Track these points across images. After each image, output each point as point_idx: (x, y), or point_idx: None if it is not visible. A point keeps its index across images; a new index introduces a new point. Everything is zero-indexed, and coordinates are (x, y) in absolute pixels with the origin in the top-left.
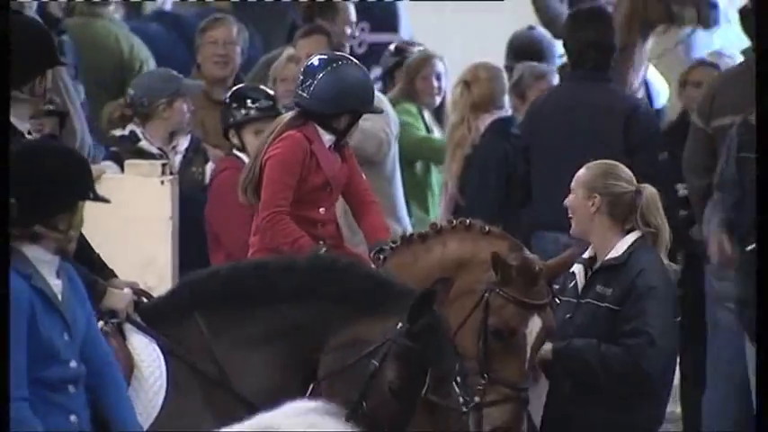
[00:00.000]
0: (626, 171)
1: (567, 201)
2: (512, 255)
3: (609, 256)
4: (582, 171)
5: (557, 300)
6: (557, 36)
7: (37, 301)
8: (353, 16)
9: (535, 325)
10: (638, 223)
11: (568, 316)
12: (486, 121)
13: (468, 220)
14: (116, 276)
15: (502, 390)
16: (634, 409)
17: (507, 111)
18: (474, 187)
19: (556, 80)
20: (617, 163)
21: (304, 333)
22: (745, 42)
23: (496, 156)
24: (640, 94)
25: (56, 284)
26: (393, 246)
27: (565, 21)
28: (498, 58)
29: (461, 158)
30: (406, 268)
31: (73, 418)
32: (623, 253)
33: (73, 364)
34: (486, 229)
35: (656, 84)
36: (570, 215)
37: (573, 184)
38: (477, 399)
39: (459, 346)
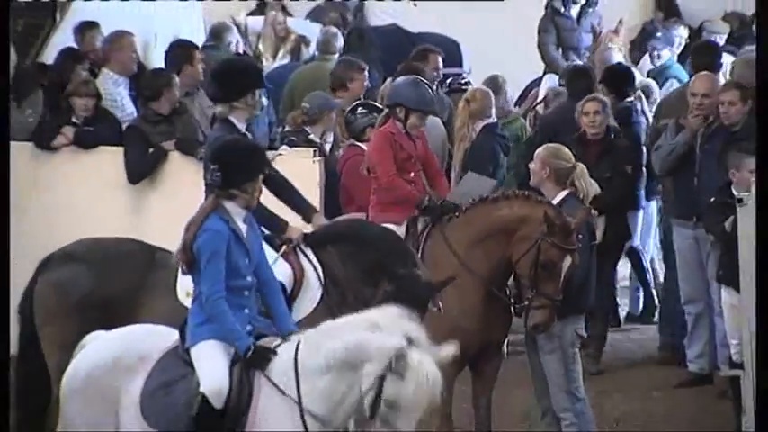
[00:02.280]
0: (566, 152)
1: (531, 168)
2: (555, 215)
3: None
4: (540, 150)
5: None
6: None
7: (231, 237)
8: (440, 63)
9: (567, 261)
10: (569, 185)
11: None
12: (479, 125)
13: (526, 192)
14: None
15: (543, 300)
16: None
17: (494, 119)
18: (471, 169)
19: None
20: (561, 146)
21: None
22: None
23: (487, 148)
24: None
25: (243, 227)
26: (472, 202)
27: (565, 70)
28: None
29: (463, 150)
30: (483, 218)
31: (246, 311)
32: (559, 201)
33: (249, 278)
34: (539, 198)
35: None
36: (533, 177)
37: (534, 158)
38: (526, 302)
39: (520, 271)
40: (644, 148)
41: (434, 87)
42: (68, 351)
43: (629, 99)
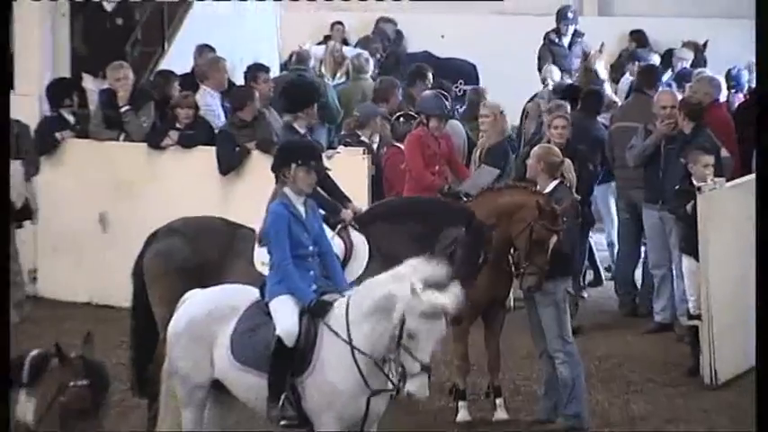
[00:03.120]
0: (556, 150)
1: (528, 163)
2: (545, 203)
3: (545, 191)
4: (535, 149)
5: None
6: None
7: (291, 218)
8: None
9: (554, 239)
10: (558, 176)
11: None
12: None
13: (523, 183)
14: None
15: (535, 268)
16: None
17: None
18: (488, 164)
19: None
20: (552, 146)
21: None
22: None
23: (500, 149)
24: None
25: (302, 210)
26: (482, 190)
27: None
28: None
29: (483, 149)
30: (489, 203)
31: (311, 273)
32: (550, 189)
33: (311, 248)
34: (533, 189)
35: None
36: (530, 171)
37: (531, 155)
38: (522, 270)
39: (517, 245)
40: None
41: (450, 99)
42: (171, 305)
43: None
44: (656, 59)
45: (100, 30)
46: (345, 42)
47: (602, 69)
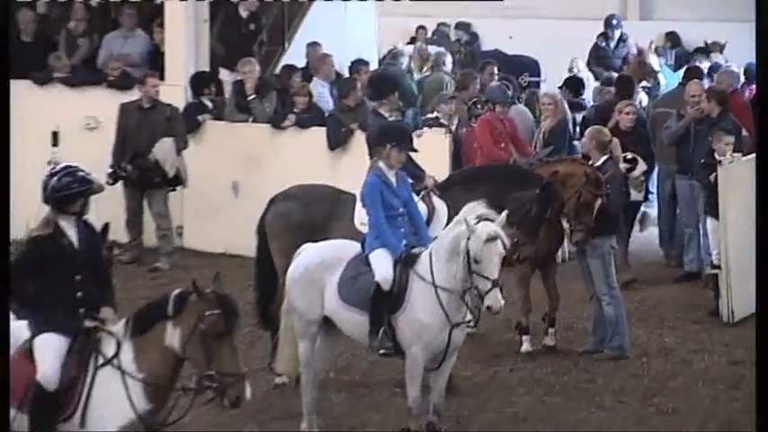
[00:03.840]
0: (606, 131)
1: (583, 141)
2: (591, 173)
3: (596, 164)
4: (589, 129)
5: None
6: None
7: (383, 186)
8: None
9: (598, 202)
10: (607, 151)
11: None
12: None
13: (574, 156)
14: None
15: (582, 226)
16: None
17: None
18: (549, 143)
19: None
20: (603, 127)
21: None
22: None
23: (561, 129)
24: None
25: (393, 179)
26: (539, 161)
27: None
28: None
29: (547, 130)
30: (547, 172)
31: (402, 230)
32: (600, 163)
33: (401, 210)
34: (582, 161)
35: None
36: (584, 147)
37: (585, 135)
38: (571, 227)
39: (567, 207)
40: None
41: (512, 89)
42: (288, 256)
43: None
44: (705, 62)
45: (233, 32)
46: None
47: (654, 62)
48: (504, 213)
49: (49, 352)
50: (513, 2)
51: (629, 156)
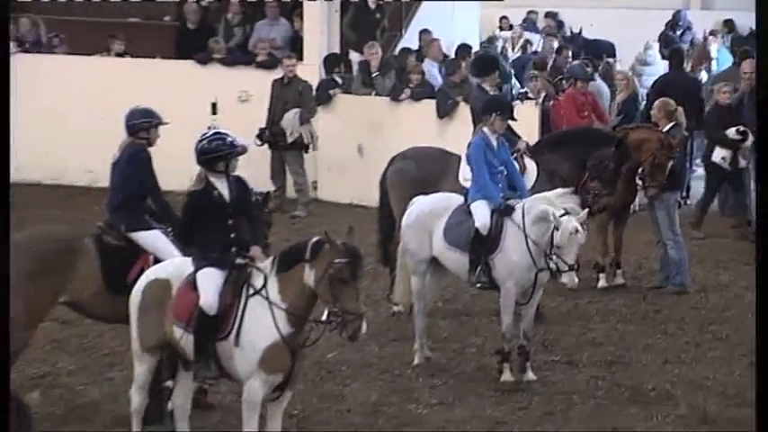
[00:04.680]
0: (672, 102)
1: (652, 112)
2: (664, 138)
3: (664, 130)
4: (658, 101)
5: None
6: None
7: (486, 147)
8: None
9: (670, 163)
10: (673, 119)
11: None
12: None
13: (648, 124)
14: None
15: (655, 183)
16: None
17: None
18: (622, 113)
19: None
20: (669, 99)
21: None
22: None
23: (631, 101)
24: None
25: (494, 142)
26: (619, 128)
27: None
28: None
29: (621, 102)
30: (625, 137)
31: (500, 185)
32: (667, 129)
33: (500, 168)
34: (655, 129)
35: None
36: (654, 116)
37: (654, 106)
38: (646, 184)
39: (644, 166)
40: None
41: (590, 68)
42: (404, 206)
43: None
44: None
45: (362, 21)
46: (510, 28)
47: (713, 49)
48: (585, 211)
49: (209, 283)
50: None
51: (741, 129)
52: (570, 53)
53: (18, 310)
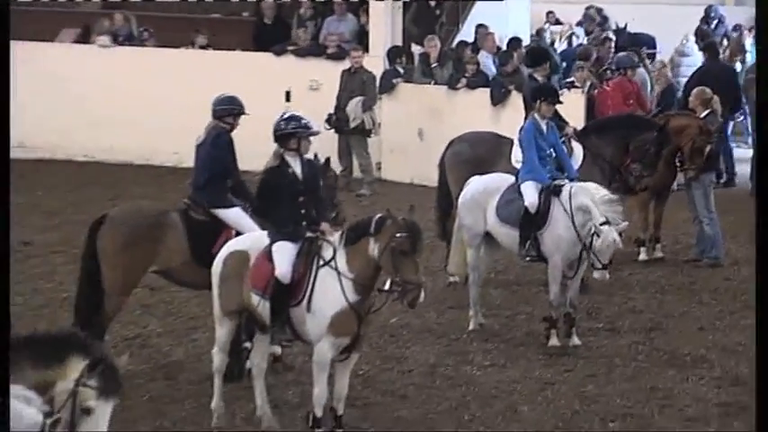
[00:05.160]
0: (707, 90)
1: (690, 99)
2: (703, 125)
3: (701, 117)
4: (695, 90)
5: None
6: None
7: (536, 131)
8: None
9: (708, 147)
10: (708, 107)
11: None
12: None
13: (687, 111)
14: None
15: (694, 165)
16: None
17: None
18: (662, 102)
19: None
20: (705, 87)
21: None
22: None
23: (669, 91)
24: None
25: (544, 127)
26: (657, 114)
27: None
28: None
29: (660, 91)
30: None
31: (548, 167)
32: (703, 116)
33: (548, 151)
34: (694, 115)
35: None
36: (691, 104)
37: (691, 95)
38: (685, 166)
39: (683, 151)
40: None
41: (637, 58)
42: (461, 185)
43: None
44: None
45: (422, 16)
46: (558, 22)
47: (747, 43)
48: (625, 224)
49: (283, 255)
50: None
51: None
52: (612, 45)
53: (113, 278)
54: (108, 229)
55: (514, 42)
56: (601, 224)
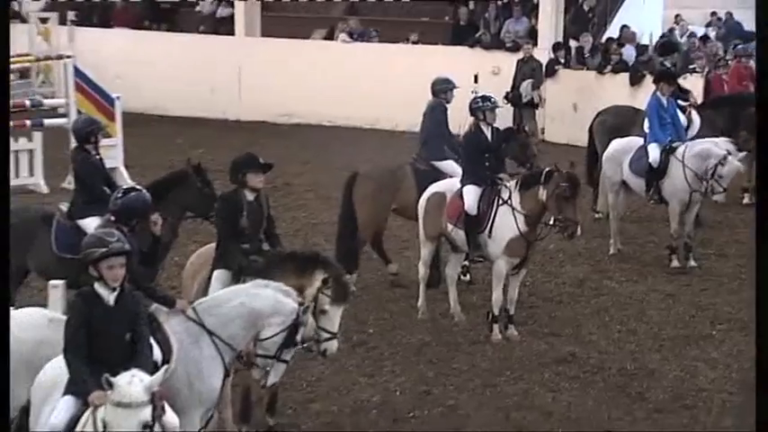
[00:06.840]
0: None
1: None
2: None
3: None
4: None
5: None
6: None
7: (658, 105)
8: None
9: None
10: None
11: None
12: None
13: None
14: None
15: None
16: None
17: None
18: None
19: None
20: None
21: None
22: None
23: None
24: None
25: (665, 102)
26: None
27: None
28: None
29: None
30: None
31: (668, 131)
32: None
33: (668, 120)
34: None
35: None
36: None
37: None
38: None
39: None
40: None
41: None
42: (605, 146)
43: None
44: None
45: (579, 17)
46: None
47: None
48: (744, 153)
49: (471, 195)
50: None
51: None
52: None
53: (365, 218)
54: (360, 183)
55: (649, 37)
56: (725, 155)
